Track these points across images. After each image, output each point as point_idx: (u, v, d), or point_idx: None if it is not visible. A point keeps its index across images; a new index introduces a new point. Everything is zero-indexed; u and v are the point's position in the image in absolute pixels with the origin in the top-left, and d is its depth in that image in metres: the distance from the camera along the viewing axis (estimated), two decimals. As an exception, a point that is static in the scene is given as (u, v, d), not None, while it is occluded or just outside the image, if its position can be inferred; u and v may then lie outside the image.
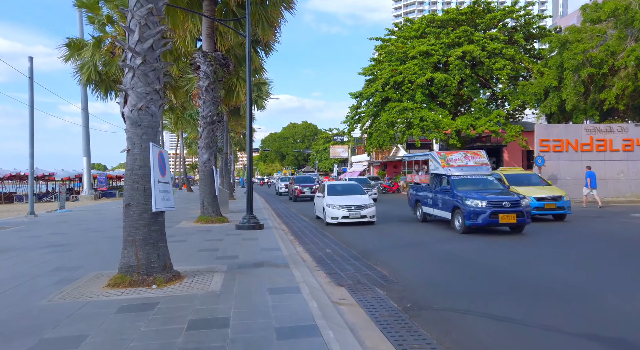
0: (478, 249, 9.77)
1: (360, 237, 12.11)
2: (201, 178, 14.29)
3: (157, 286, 5.71)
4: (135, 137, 6.07)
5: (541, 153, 23.69)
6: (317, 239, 11.67)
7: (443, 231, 12.62)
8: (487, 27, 35.50)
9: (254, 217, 12.56)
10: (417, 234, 12.35)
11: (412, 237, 11.85)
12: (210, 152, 14.36)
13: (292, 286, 5.84)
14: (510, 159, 38.96)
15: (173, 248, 9.05)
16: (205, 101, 14.33)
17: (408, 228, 13.74)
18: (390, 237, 11.95)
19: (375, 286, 6.52)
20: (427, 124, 32.92)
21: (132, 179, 6.01)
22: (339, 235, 12.38)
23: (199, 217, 14.16)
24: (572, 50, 26.10)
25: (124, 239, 5.99)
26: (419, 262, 8.50)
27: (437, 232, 12.43)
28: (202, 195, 14.22)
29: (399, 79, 34.39)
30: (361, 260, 8.61)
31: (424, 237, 11.61)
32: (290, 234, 12.91)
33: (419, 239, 11.31)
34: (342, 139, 68.81)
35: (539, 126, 24.48)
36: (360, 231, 13.26)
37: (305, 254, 9.49)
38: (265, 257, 8.06)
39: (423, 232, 12.56)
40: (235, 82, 19.52)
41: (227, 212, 18.07)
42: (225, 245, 9.54)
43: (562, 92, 27.82)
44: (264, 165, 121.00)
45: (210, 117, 14.32)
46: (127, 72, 6.18)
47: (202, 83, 14.33)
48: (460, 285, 6.63)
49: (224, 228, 12.74)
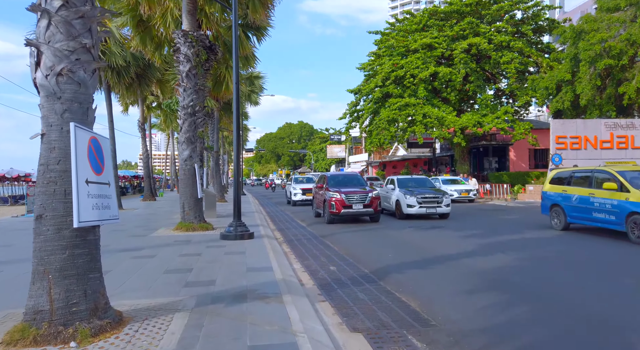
0: (517, 265, 7.82)
1: (367, 246, 10.13)
2: (181, 178, 12.26)
3: (77, 344, 3.70)
4: (53, 116, 4.06)
5: (558, 151, 21.82)
6: (316, 250, 9.69)
7: (456, 238, 10.68)
8: (494, 19, 33.64)
9: (242, 225, 10.56)
10: (433, 240, 10.40)
11: (428, 245, 9.88)
12: (192, 148, 12.34)
13: (287, 341, 3.85)
14: (517, 158, 37.13)
15: (134, 268, 7.03)
16: (186, 89, 12.31)
17: (420, 233, 11.79)
18: (403, 245, 9.97)
19: (406, 332, 4.54)
20: (431, 121, 31.01)
21: (47, 178, 4.01)
22: (342, 244, 10.40)
23: (179, 224, 12.14)
24: (589, 40, 24.25)
25: (33, 269, 3.99)
26: (453, 286, 6.52)
27: (452, 238, 10.49)
28: (183, 198, 12.19)
29: (401, 73, 32.45)
30: (377, 283, 6.63)
31: (444, 247, 9.65)
32: (284, 243, 10.92)
33: (440, 250, 9.34)
34: (339, 138, 66.87)
35: (555, 121, 22.61)
36: (365, 237, 11.28)
37: (303, 272, 7.51)
38: (252, 281, 6.07)
39: (436, 239, 10.60)
40: (224, 71, 17.51)
41: (215, 216, 16.06)
42: (202, 262, 7.53)
43: (576, 86, 25.96)
44: (259, 165, 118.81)
45: (191, 107, 12.30)
46: (41, 17, 4.15)
47: (183, 68, 12.32)
48: (531, 332, 4.66)
49: (206, 237, 10.73)
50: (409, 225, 14.01)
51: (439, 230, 12.84)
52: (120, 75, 20.26)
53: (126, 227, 13.31)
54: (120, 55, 19.52)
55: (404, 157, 50.12)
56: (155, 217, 16.59)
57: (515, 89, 32.08)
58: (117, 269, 7.01)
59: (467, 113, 33.10)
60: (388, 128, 32.06)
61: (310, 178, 25.65)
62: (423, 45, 32.88)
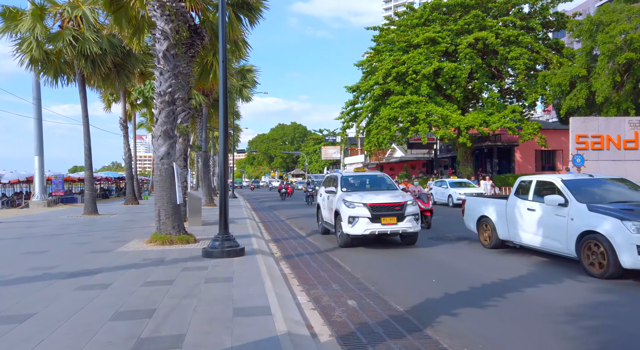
0: (606, 299, 5.81)
1: (387, 266, 8.06)
2: (156, 180, 10.10)
3: None
4: None
5: (579, 151, 19.96)
6: (324, 272, 7.62)
7: (495, 254, 8.67)
8: (500, 12, 31.85)
9: (230, 238, 8.45)
10: (467, 258, 8.37)
11: (464, 266, 7.84)
12: (170, 143, 10.19)
13: None
14: (522, 159, 35.35)
15: (72, 308, 4.87)
16: (163, 72, 10.18)
17: (463, 255, 9.75)
18: (432, 265, 7.92)
19: None
20: (435, 120, 29.09)
21: None
22: (354, 262, 8.33)
23: (153, 236, 9.98)
24: (608, 32, 22.49)
25: None
26: (542, 341, 4.46)
27: (491, 256, 8.48)
28: (158, 204, 10.03)
29: (402, 69, 30.51)
30: (422, 333, 4.57)
31: (488, 269, 7.61)
32: (282, 261, 8.82)
33: (487, 274, 7.30)
34: (334, 139, 64.87)
35: (575, 119, 20.76)
36: (380, 253, 9.22)
37: (313, 311, 5.44)
38: (240, 338, 3.98)
39: (470, 255, 8.59)
40: (211, 58, 15.34)
41: (199, 224, 13.91)
42: (171, 298, 5.41)
43: (592, 82, 24.17)
44: (252, 167, 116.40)
45: (170, 94, 10.16)
46: None
47: (159, 46, 10.19)
48: None
49: (184, 253, 8.60)
50: (427, 236, 11.95)
51: (466, 243, 10.80)
52: (95, 64, 18.01)
53: (93, 238, 11.13)
54: (95, 42, 17.31)
55: (402, 158, 48.26)
56: (131, 225, 14.41)
57: (523, 86, 30.28)
58: (45, 311, 4.88)
59: (472, 112, 31.26)
60: (389, 127, 30.09)
61: (380, 179, 12.34)
62: (426, 40, 30.99)
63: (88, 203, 18.81)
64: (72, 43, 17.05)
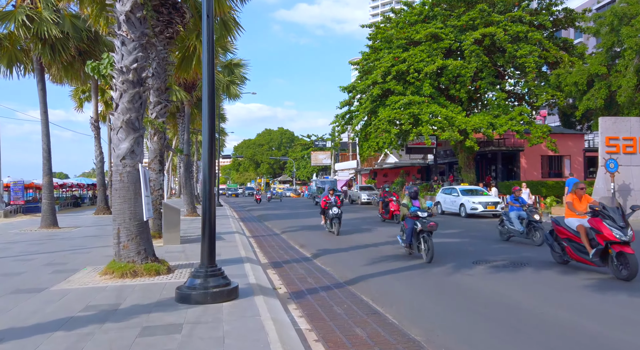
0: None
1: (437, 307, 5.50)
2: (116, 188, 7.37)
3: None
4: None
5: (610, 155, 17.76)
6: (364, 331, 5.00)
7: (579, 288, 6.21)
8: (506, 8, 29.84)
9: (216, 273, 5.80)
10: (539, 295, 5.88)
11: (538, 304, 5.35)
12: (134, 138, 7.48)
13: None
14: (528, 165, 33.28)
15: None
16: (126, 41, 7.49)
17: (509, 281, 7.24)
18: (498, 309, 5.41)
19: None
20: (440, 121, 26.78)
21: None
22: (393, 302, 5.76)
23: (110, 264, 7.24)
24: (634, 25, 20.49)
25: None
26: None
27: (574, 290, 6.02)
28: (118, 220, 7.29)
29: (403, 67, 28.18)
30: None
31: (575, 311, 5.13)
32: (295, 306, 6.16)
33: (581, 321, 4.80)
34: (324, 144, 62.38)
35: (605, 120, 18.61)
36: (418, 287, 6.67)
37: None
38: None
39: (542, 289, 6.11)
40: (194, 41, 12.71)
41: (178, 242, 11.17)
42: None
43: (614, 80, 22.14)
44: (237, 174, 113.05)
45: (135, 71, 7.46)
46: None
47: (121, 6, 7.50)
48: None
49: (150, 295, 5.91)
50: (472, 260, 9.40)
51: (530, 270, 8.29)
52: (55, 50, 15.21)
53: (30, 266, 8.33)
54: (54, 23, 14.53)
55: (396, 164, 46.01)
56: (92, 242, 11.58)
57: (532, 86, 28.22)
58: None
59: (478, 114, 29.09)
60: (389, 129, 27.66)
61: None
62: (428, 36, 28.76)
63: (46, 214, 15.96)
64: (27, 23, 14.24)
